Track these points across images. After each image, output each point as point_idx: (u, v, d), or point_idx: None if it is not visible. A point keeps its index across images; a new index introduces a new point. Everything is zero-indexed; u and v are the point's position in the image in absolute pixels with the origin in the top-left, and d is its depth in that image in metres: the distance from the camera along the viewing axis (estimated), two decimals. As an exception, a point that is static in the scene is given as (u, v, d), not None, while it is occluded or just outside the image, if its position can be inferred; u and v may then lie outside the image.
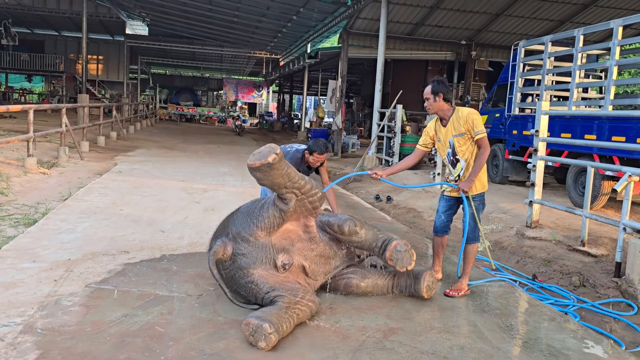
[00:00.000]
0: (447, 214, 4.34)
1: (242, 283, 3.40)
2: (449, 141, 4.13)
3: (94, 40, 31.78)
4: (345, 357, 2.94)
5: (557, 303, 4.60)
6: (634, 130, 6.89)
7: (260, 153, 3.28)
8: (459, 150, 4.09)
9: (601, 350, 3.33)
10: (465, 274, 4.19)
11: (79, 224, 5.54)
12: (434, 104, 4.09)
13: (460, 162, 4.13)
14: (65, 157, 10.61)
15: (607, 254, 5.41)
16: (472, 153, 4.08)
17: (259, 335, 2.92)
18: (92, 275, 4.02)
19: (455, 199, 4.28)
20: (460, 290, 4.14)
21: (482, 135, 4.00)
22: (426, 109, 4.18)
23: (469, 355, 3.09)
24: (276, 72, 32.37)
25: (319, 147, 4.82)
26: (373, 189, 10.27)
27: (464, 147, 4.07)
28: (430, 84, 4.11)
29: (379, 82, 13.88)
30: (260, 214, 3.50)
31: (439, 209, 4.39)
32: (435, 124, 4.26)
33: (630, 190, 4.95)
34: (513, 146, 9.71)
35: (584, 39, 8.10)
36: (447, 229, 4.40)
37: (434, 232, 4.44)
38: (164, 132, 22.24)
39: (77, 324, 3.14)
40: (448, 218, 4.36)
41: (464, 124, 4.01)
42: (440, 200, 4.40)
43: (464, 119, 4.01)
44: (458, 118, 4.05)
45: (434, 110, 4.13)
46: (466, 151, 4.08)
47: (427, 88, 4.12)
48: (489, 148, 4.09)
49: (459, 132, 4.05)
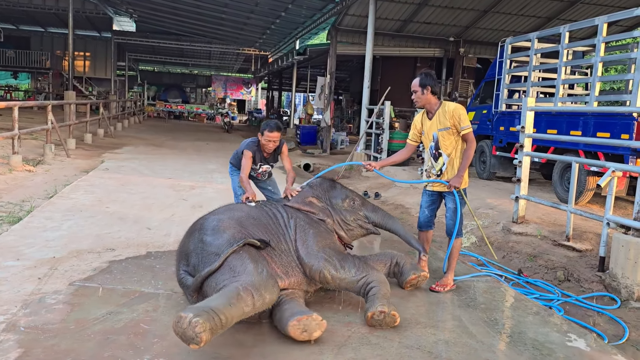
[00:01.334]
0: (430, 209, 4.36)
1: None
2: (433, 134, 4.16)
3: (81, 36, 31.44)
4: (331, 353, 2.95)
5: (542, 297, 4.65)
6: (618, 126, 6.97)
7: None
8: (442, 144, 4.12)
9: (584, 343, 3.37)
10: (450, 269, 4.23)
11: (64, 222, 5.50)
12: (422, 97, 4.12)
13: (442, 157, 4.16)
14: (51, 155, 10.51)
15: (591, 249, 5.47)
16: (454, 148, 4.12)
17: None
18: (77, 273, 3.99)
19: (437, 193, 4.29)
20: (446, 285, 4.16)
21: (469, 130, 4.05)
22: (414, 101, 4.19)
23: (454, 349, 3.11)
24: (265, 68, 32.26)
25: (268, 125, 4.54)
26: (362, 185, 10.28)
27: (447, 141, 4.10)
28: (418, 77, 4.13)
29: (367, 79, 13.89)
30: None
31: (422, 204, 4.41)
32: (421, 117, 4.30)
33: (614, 186, 5.01)
34: (500, 142, 9.78)
35: (569, 36, 8.17)
36: (432, 223, 4.42)
37: (418, 227, 4.47)
38: (152, 130, 22.09)
39: (60, 322, 3.11)
40: (432, 213, 4.38)
41: (450, 118, 4.04)
42: (423, 195, 4.41)
43: (450, 114, 4.04)
44: (444, 112, 4.08)
45: (422, 103, 4.16)
46: (449, 146, 4.11)
47: (415, 80, 4.13)
48: (475, 143, 4.14)
49: (444, 126, 4.08)
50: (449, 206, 4.19)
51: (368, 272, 3.44)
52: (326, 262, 3.40)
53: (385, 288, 3.40)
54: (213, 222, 3.46)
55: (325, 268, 3.37)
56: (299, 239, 3.52)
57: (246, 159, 4.64)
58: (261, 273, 3.04)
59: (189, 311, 2.59)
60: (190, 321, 2.53)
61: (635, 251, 4.54)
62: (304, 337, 2.95)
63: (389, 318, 3.23)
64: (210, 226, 3.42)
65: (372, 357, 2.93)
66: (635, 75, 6.80)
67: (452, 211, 4.17)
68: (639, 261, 4.53)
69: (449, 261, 4.24)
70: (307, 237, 3.53)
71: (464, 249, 6.08)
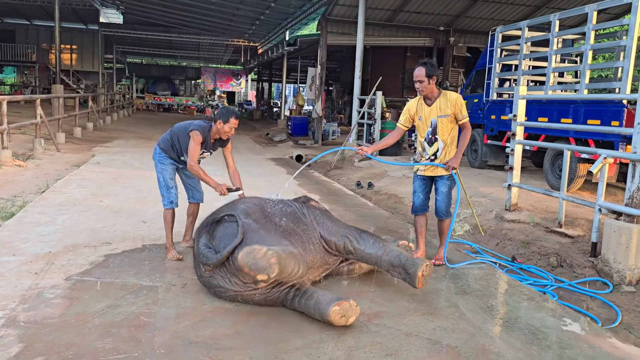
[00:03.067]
0: (424, 192, 4.57)
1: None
2: (432, 120, 4.34)
3: (67, 29, 31.02)
4: (331, 342, 2.98)
5: (536, 283, 4.71)
6: (608, 114, 7.04)
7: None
8: (440, 130, 4.33)
9: (579, 327, 3.43)
10: (442, 244, 4.62)
11: (58, 217, 5.47)
12: (428, 87, 4.26)
13: (438, 142, 4.36)
14: (41, 149, 10.42)
15: (583, 235, 5.54)
16: (449, 135, 4.35)
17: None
18: (74, 267, 3.98)
19: (429, 177, 4.51)
20: (441, 259, 4.54)
21: (467, 119, 4.34)
22: (418, 90, 4.32)
23: (452, 335, 3.15)
24: (255, 60, 32.08)
25: (233, 112, 4.24)
26: (354, 175, 10.31)
27: (445, 128, 4.32)
28: (423, 67, 4.21)
29: (358, 69, 13.87)
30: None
31: (415, 189, 4.61)
32: (417, 102, 4.44)
33: (606, 172, 5.07)
34: (491, 131, 9.83)
35: (559, 24, 8.20)
36: (426, 206, 4.61)
37: (413, 212, 4.66)
38: (142, 123, 21.94)
39: (60, 316, 3.11)
40: (426, 196, 4.59)
41: (451, 106, 4.26)
42: (415, 180, 4.61)
43: (452, 102, 4.27)
44: (446, 100, 4.29)
45: (427, 92, 4.31)
46: (445, 132, 4.34)
47: (419, 70, 4.21)
48: (471, 130, 4.40)
49: (444, 113, 4.29)
50: (441, 190, 4.44)
51: (385, 244, 3.71)
52: (347, 236, 3.73)
53: (406, 253, 3.64)
54: (241, 205, 3.71)
55: (348, 241, 3.70)
56: (318, 223, 3.82)
57: (196, 143, 4.09)
58: (294, 246, 3.35)
59: (262, 244, 2.91)
60: (266, 253, 2.86)
61: (627, 236, 4.61)
62: (342, 322, 3.06)
63: (430, 268, 3.51)
64: (240, 208, 3.64)
65: (372, 345, 2.96)
66: (624, 62, 6.86)
67: (443, 194, 4.43)
68: (630, 246, 4.60)
69: (440, 238, 4.63)
70: (323, 220, 3.86)
71: (458, 237, 6.14)
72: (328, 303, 3.07)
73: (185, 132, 4.23)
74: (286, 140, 17.52)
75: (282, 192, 4.04)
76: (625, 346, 3.15)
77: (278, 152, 14.22)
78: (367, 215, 6.61)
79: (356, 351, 2.88)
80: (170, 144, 4.34)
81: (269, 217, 3.68)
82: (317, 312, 3.14)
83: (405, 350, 2.91)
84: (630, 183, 4.77)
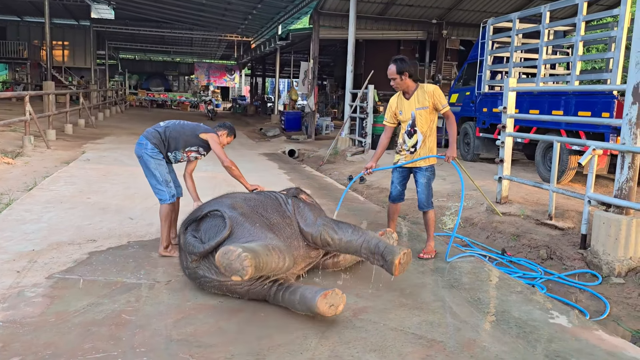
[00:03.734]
0: (402, 184, 4.67)
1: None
2: (411, 113, 4.45)
3: (59, 25, 30.79)
4: (315, 338, 2.94)
5: (525, 276, 4.69)
6: (599, 105, 7.01)
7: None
8: (419, 122, 4.42)
9: (566, 320, 3.41)
10: (430, 237, 4.65)
11: (44, 214, 5.40)
12: (402, 83, 4.41)
13: (417, 134, 4.45)
14: (31, 147, 10.32)
15: (573, 227, 5.52)
16: (429, 127, 4.45)
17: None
18: (57, 265, 3.92)
19: (407, 169, 4.62)
20: (432, 252, 4.57)
21: (448, 107, 4.44)
22: (393, 87, 4.47)
23: (438, 330, 3.12)
24: (248, 55, 31.92)
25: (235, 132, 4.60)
26: (347, 169, 10.27)
27: (424, 119, 4.42)
28: (394, 64, 4.36)
29: (350, 63, 13.81)
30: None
31: (393, 180, 4.72)
32: (397, 98, 4.59)
33: (595, 164, 5.05)
34: (483, 124, 9.80)
35: (550, 16, 8.16)
36: (403, 196, 4.74)
37: (390, 200, 4.80)
38: (135, 119, 21.81)
39: (40, 315, 3.06)
40: (403, 187, 4.69)
41: (429, 97, 4.36)
42: (394, 171, 4.72)
43: (430, 93, 4.36)
44: (423, 92, 4.39)
45: (402, 88, 4.46)
46: (424, 124, 4.43)
47: (391, 68, 4.36)
48: (454, 117, 4.53)
49: (422, 105, 4.39)
50: (420, 181, 4.55)
51: (364, 233, 3.67)
52: (324, 227, 3.68)
53: (386, 241, 3.61)
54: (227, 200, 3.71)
55: (325, 231, 3.65)
56: (298, 214, 3.82)
57: (220, 144, 4.36)
58: (279, 240, 3.35)
59: (236, 246, 2.85)
60: (239, 255, 2.81)
61: (616, 228, 4.59)
62: (332, 312, 3.03)
63: (409, 256, 3.47)
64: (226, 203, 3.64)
65: (357, 340, 2.92)
66: (615, 53, 6.83)
67: (423, 186, 4.51)
68: (619, 238, 4.58)
69: (427, 231, 4.68)
70: (304, 212, 3.85)
71: (448, 230, 6.11)
72: (314, 296, 3.03)
73: (194, 133, 4.33)
74: (279, 135, 17.45)
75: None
76: (611, 338, 3.12)
77: (271, 147, 14.16)
78: (358, 209, 6.57)
79: (340, 347, 2.84)
80: (162, 140, 4.27)
81: (255, 210, 3.65)
82: (304, 307, 3.09)
83: (390, 346, 2.88)
84: (619, 174, 4.75)
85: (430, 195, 4.55)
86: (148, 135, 4.30)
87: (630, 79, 4.63)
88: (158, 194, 4.31)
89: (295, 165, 10.84)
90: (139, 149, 4.30)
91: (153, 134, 4.29)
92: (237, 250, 2.83)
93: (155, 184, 4.29)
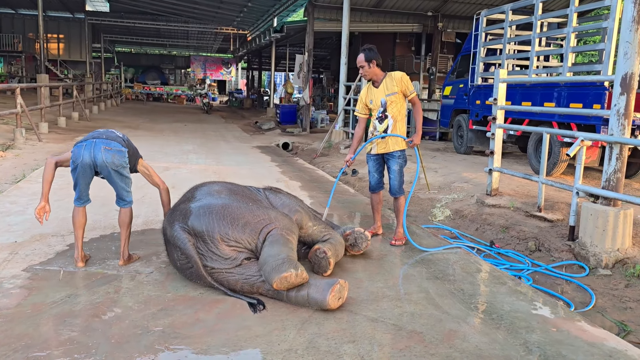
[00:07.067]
0: (378, 171, 4.78)
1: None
2: (381, 100, 4.58)
3: (53, 18, 30.63)
4: (293, 329, 2.91)
5: (512, 268, 4.68)
6: (590, 97, 6.98)
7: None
8: (390, 108, 4.57)
9: (549, 311, 3.38)
10: (399, 223, 4.71)
11: (29, 206, 5.36)
12: (369, 70, 4.57)
13: (387, 119, 4.60)
14: (22, 139, 10.27)
15: (562, 219, 5.50)
16: (399, 111, 4.60)
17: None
18: (38, 256, 3.89)
19: (380, 156, 4.72)
20: (402, 239, 4.65)
21: (415, 94, 4.62)
22: (362, 75, 4.63)
23: (419, 321, 3.10)
24: (244, 48, 31.78)
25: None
26: (340, 162, 10.23)
27: (394, 105, 4.56)
28: (362, 53, 4.53)
29: (344, 56, 13.73)
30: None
31: (370, 169, 4.81)
32: (367, 89, 4.72)
33: (583, 155, 5.02)
34: (477, 116, 9.76)
35: (543, 7, 8.11)
36: (382, 184, 4.83)
37: (370, 190, 4.88)
38: (130, 112, 21.73)
39: (16, 307, 3.03)
40: (380, 175, 4.79)
41: (397, 84, 4.52)
42: (369, 160, 4.81)
43: (398, 80, 4.52)
44: (391, 79, 4.56)
45: (370, 76, 4.61)
46: (394, 109, 4.58)
47: (360, 57, 4.54)
48: (420, 104, 4.72)
49: (391, 91, 4.54)
50: (393, 168, 4.64)
51: (332, 232, 3.96)
52: (303, 212, 3.91)
53: (340, 246, 3.88)
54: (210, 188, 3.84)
55: (302, 217, 3.87)
56: (276, 201, 4.01)
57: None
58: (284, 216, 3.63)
59: (289, 268, 3.07)
60: (296, 274, 3.07)
61: (603, 219, 4.57)
62: (339, 304, 3.16)
63: (324, 262, 3.63)
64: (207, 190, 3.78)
65: (336, 332, 2.90)
66: (606, 44, 6.78)
67: (395, 172, 4.63)
68: (607, 229, 4.56)
69: (396, 217, 4.78)
70: (281, 198, 4.08)
71: (438, 222, 6.08)
72: (323, 292, 3.10)
73: (137, 154, 4.21)
74: (274, 129, 17.40)
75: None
76: (593, 329, 3.10)
77: (265, 140, 14.11)
78: (348, 201, 6.54)
79: (318, 338, 2.82)
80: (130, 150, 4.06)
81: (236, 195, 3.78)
82: (314, 303, 3.14)
83: (369, 337, 2.85)
84: (607, 165, 4.72)
85: (402, 181, 4.67)
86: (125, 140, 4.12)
87: (619, 69, 4.59)
88: (128, 196, 4.05)
89: (288, 158, 10.80)
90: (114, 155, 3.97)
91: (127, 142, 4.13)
92: (291, 273, 3.07)
93: (127, 187, 4.06)
